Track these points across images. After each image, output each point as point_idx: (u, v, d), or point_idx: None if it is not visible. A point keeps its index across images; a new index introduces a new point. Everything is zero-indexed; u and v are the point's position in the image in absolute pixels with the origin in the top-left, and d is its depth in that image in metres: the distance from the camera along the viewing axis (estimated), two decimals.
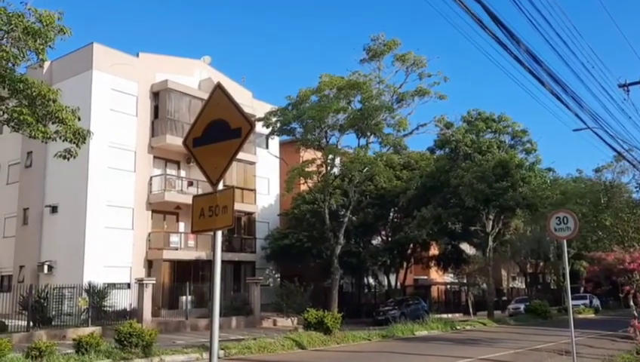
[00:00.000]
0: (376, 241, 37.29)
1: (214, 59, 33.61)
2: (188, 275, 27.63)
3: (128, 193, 27.27)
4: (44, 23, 12.65)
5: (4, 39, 12.76)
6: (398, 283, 39.21)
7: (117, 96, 27.34)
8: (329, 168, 28.85)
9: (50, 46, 13.02)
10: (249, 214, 32.89)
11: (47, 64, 25.53)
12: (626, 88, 17.23)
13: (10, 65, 13.07)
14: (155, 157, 28.77)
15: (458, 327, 25.04)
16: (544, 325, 27.43)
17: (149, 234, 27.99)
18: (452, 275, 48.82)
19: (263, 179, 34.04)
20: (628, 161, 25.95)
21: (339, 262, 28.81)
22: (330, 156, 28.25)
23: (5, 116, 13.42)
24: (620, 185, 36.58)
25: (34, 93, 13.11)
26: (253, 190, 32.70)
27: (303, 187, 31.75)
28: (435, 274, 47.97)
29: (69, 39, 13.43)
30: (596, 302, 42.26)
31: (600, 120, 15.95)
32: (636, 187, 36.49)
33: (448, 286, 48.61)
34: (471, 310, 33.90)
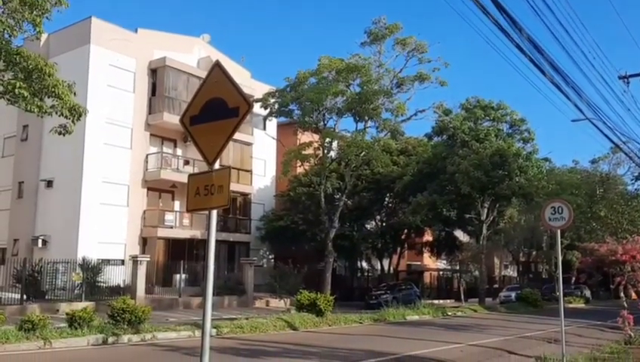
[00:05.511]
0: (370, 226, 37.40)
1: (214, 39, 33.35)
2: (182, 253, 27.74)
3: (124, 170, 27.21)
4: None
5: (1, 9, 12.56)
6: (391, 268, 39.44)
7: (114, 71, 27.12)
8: (326, 151, 28.80)
9: (47, 17, 12.83)
10: (245, 195, 32.92)
11: (44, 37, 25.15)
12: (626, 80, 17.17)
13: (6, 36, 12.88)
14: (151, 134, 28.66)
15: (449, 313, 25.19)
16: (534, 313, 27.64)
17: (144, 211, 27.99)
18: (445, 262, 49.16)
19: (259, 160, 33.99)
20: (625, 152, 26.04)
21: (333, 246, 28.92)
22: (328, 139, 28.19)
23: (1, 88, 13.27)
24: (616, 177, 36.79)
25: (30, 67, 12.93)
26: (250, 171, 32.69)
27: (300, 169, 31.70)
28: (428, 260, 48.26)
29: (68, 13, 13.31)
30: (587, 292, 42.61)
31: (599, 111, 15.91)
32: (632, 179, 36.74)
33: (441, 273, 48.93)
34: (462, 297, 34.14)
